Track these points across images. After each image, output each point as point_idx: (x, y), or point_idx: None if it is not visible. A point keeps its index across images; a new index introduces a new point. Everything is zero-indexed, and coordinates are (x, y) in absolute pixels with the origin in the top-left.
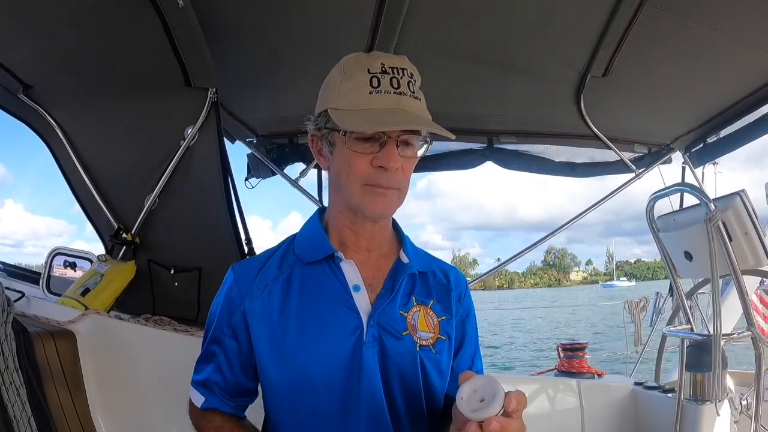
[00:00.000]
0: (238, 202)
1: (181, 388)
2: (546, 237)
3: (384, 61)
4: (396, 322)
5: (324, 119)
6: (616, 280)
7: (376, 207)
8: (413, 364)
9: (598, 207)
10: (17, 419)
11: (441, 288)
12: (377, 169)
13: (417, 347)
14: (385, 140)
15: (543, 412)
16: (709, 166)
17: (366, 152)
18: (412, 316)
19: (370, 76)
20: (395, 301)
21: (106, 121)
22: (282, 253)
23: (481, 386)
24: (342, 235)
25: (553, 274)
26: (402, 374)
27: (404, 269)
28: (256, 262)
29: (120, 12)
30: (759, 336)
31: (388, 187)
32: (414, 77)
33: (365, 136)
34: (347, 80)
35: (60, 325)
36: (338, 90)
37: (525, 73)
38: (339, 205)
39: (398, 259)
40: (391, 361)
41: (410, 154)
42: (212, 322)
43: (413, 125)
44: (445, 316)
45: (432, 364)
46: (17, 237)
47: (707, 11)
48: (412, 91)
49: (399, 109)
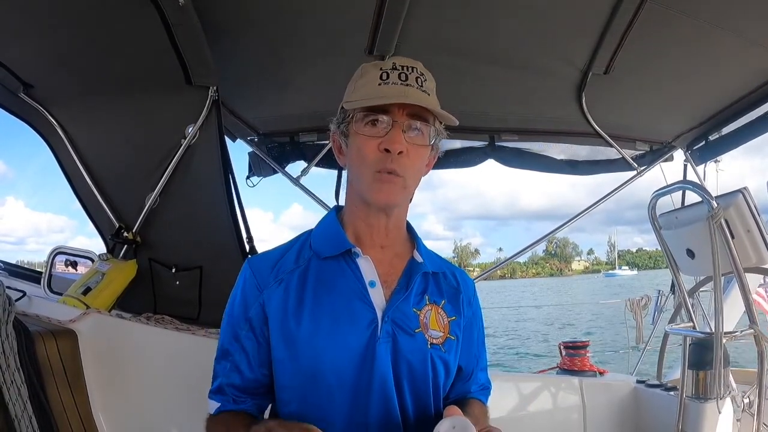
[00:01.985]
0: (239, 200)
1: (183, 386)
2: (548, 234)
3: (396, 60)
4: (409, 319)
5: (341, 116)
6: (618, 269)
7: (381, 195)
8: (424, 361)
9: (598, 206)
10: (19, 418)
11: (451, 289)
12: (384, 153)
13: (428, 345)
14: (391, 125)
15: (545, 410)
16: (711, 164)
17: (374, 136)
18: (424, 315)
19: (381, 72)
20: (409, 298)
21: (106, 119)
22: (299, 248)
23: (460, 425)
24: (357, 230)
25: (554, 264)
26: (412, 371)
27: (419, 268)
28: (272, 255)
29: (120, 11)
30: (761, 334)
31: (393, 172)
32: (424, 76)
33: (373, 120)
34: (361, 78)
35: (61, 324)
36: (354, 87)
37: (526, 71)
38: (354, 199)
39: (412, 258)
40: (402, 357)
41: (417, 141)
42: (229, 316)
43: (411, 101)
44: (455, 316)
45: (441, 362)
46: (19, 234)
47: (709, 9)
48: (419, 85)
49: (404, 96)
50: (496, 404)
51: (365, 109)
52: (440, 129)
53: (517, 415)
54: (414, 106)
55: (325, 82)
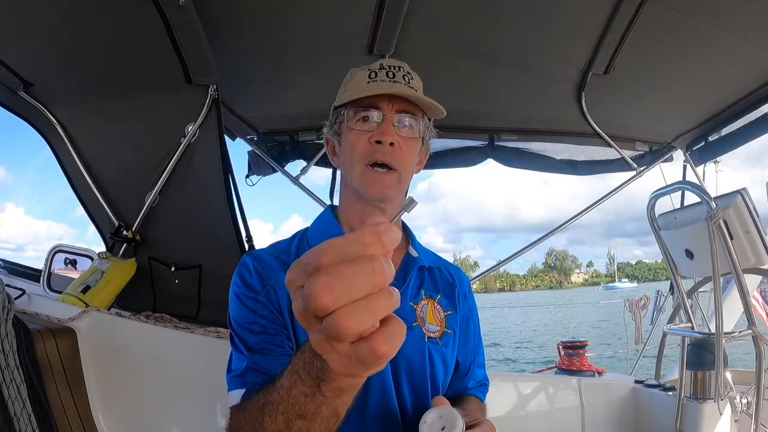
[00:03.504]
0: (239, 199)
1: (182, 384)
2: (546, 235)
3: (383, 62)
4: (406, 313)
5: (333, 117)
6: (618, 281)
7: (374, 188)
8: (421, 354)
9: (598, 205)
10: (18, 416)
11: (446, 284)
12: (375, 145)
13: (425, 338)
14: (382, 119)
15: (543, 410)
16: (710, 165)
17: (365, 130)
18: (421, 309)
19: (369, 72)
20: (406, 292)
21: (106, 118)
22: (297, 243)
23: (446, 415)
24: (353, 227)
25: (554, 276)
26: (410, 364)
27: (415, 262)
28: (270, 249)
29: (121, 9)
30: (760, 335)
31: (388, 165)
32: (411, 75)
33: (364, 116)
34: (351, 80)
35: (60, 322)
36: (344, 89)
37: (526, 71)
38: (348, 197)
39: (407, 253)
40: (400, 351)
41: (407, 133)
42: (236, 309)
43: (398, 92)
44: (451, 311)
45: (438, 356)
46: (18, 241)
47: (709, 9)
48: (406, 82)
49: (392, 89)
50: (495, 404)
51: (355, 104)
52: (429, 125)
53: (516, 415)
54: (402, 102)
55: (326, 81)
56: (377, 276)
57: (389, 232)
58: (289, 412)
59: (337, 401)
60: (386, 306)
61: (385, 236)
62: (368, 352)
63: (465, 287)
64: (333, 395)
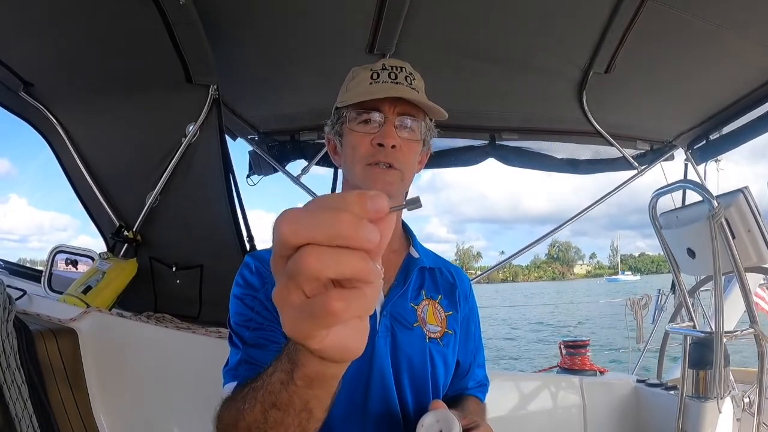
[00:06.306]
0: (240, 199)
1: (183, 385)
2: (550, 233)
3: (386, 62)
4: (408, 314)
5: (335, 117)
6: (621, 274)
7: (377, 185)
8: (422, 355)
9: (599, 204)
10: (19, 417)
11: (447, 285)
12: (377, 147)
13: (426, 339)
14: (383, 121)
15: (545, 409)
16: (712, 163)
17: (367, 132)
18: (422, 309)
19: (371, 72)
20: (407, 293)
21: (107, 118)
22: None
23: (443, 419)
24: None
25: (557, 268)
26: (411, 364)
27: (415, 263)
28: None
29: (121, 9)
30: (762, 333)
31: (387, 164)
32: (413, 75)
33: (366, 118)
34: (353, 80)
35: (61, 323)
36: (346, 89)
37: (527, 70)
38: None
39: (408, 254)
40: (401, 351)
41: (408, 136)
42: (235, 308)
43: (401, 95)
44: (452, 311)
45: (439, 356)
46: (22, 232)
47: (710, 8)
48: (408, 83)
49: (394, 92)
50: (496, 403)
51: (358, 106)
52: (431, 125)
53: (518, 414)
54: (404, 104)
55: (326, 80)
56: (345, 225)
57: (377, 200)
58: (266, 401)
59: (308, 392)
60: (354, 264)
61: (371, 201)
62: (320, 305)
63: (466, 288)
64: (303, 384)
